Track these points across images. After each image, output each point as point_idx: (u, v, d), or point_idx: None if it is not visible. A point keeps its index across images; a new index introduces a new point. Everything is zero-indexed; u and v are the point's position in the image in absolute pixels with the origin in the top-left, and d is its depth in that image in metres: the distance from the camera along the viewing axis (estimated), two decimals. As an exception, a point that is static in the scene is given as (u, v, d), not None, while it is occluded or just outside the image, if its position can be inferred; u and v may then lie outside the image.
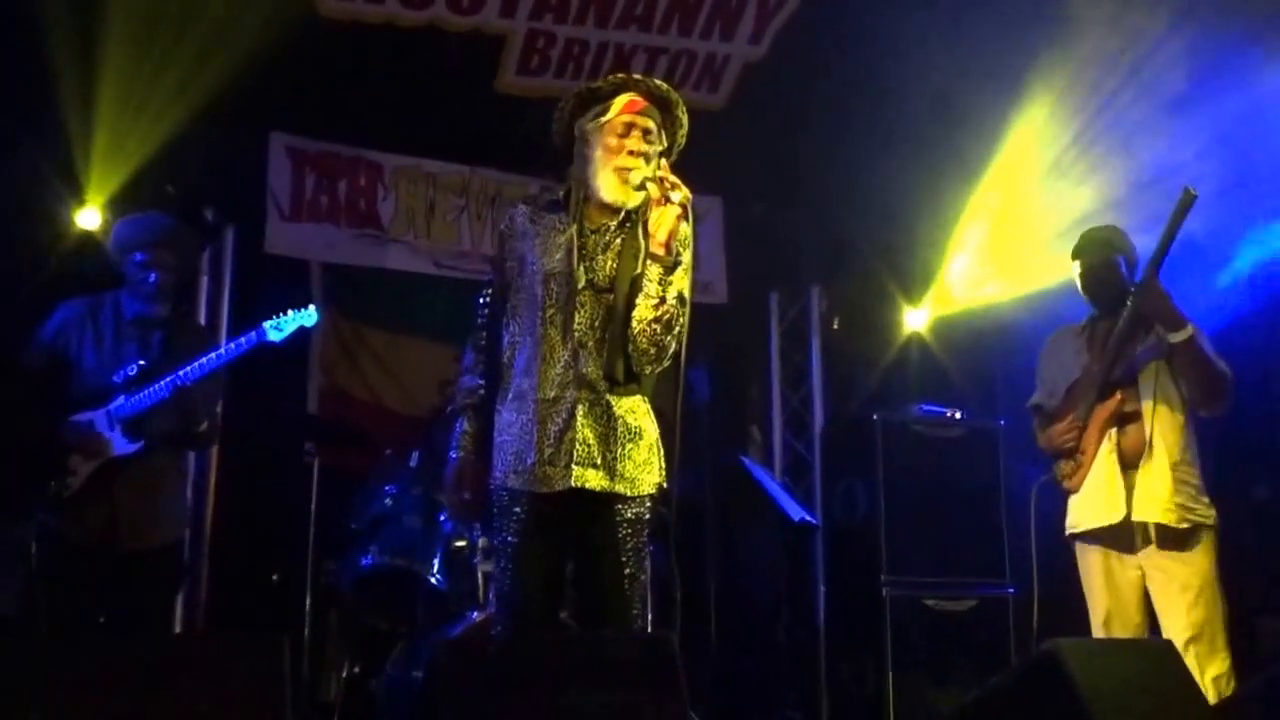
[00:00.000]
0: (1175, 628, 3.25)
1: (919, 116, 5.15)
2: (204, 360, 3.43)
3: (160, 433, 3.47)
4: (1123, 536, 3.37)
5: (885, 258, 5.81)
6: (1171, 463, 3.32)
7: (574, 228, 2.64)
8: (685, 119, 2.73)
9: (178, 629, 4.33)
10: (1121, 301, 3.43)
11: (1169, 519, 3.29)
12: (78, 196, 4.42)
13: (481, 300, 2.77)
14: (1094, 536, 3.44)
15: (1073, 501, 3.51)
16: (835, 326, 5.79)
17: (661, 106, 2.68)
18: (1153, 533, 3.32)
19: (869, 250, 5.80)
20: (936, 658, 4.63)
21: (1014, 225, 5.41)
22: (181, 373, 3.40)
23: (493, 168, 5.32)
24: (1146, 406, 3.36)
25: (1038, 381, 3.72)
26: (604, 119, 2.64)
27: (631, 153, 2.60)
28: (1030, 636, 4.66)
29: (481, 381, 2.73)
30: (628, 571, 2.60)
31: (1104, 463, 3.39)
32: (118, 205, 4.41)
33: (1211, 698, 3.05)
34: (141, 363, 3.45)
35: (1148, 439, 3.33)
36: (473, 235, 5.30)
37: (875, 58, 5.01)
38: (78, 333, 3.51)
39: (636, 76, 2.69)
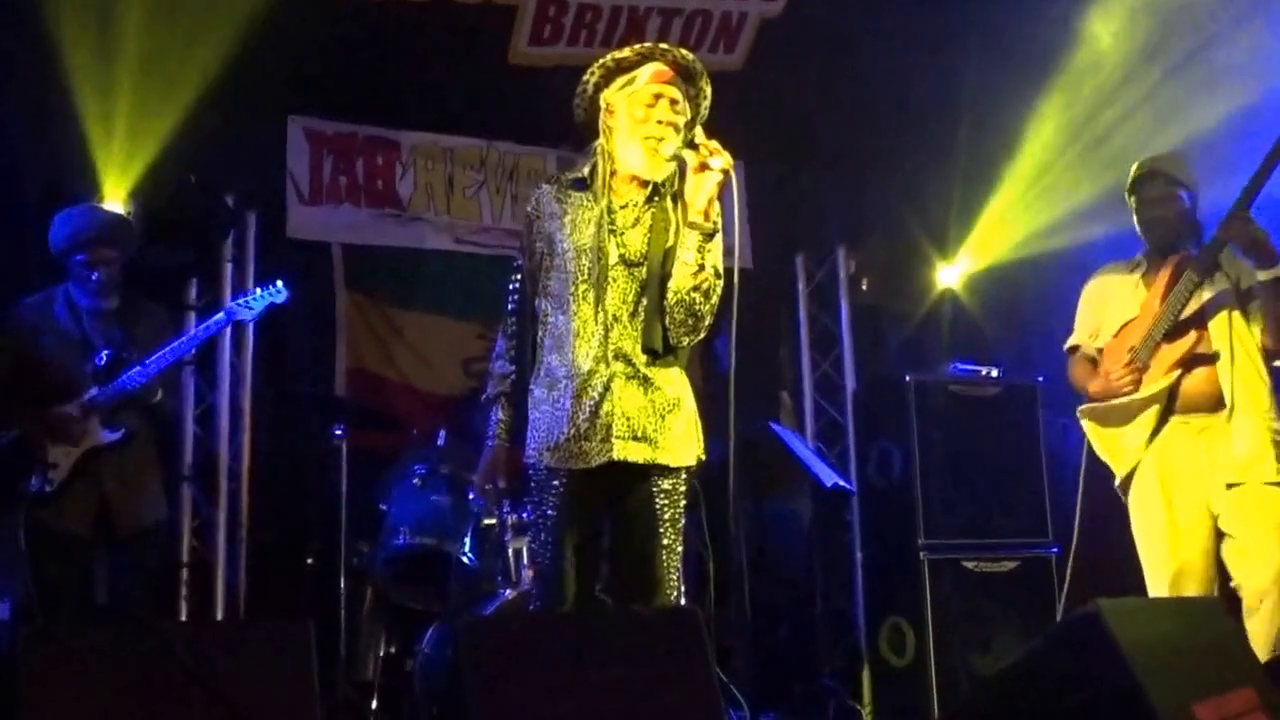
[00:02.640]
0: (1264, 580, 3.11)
1: (946, 66, 5.03)
2: (176, 345, 3.49)
3: (136, 420, 3.51)
4: (1209, 481, 3.21)
5: (916, 213, 5.69)
6: (1262, 412, 3.15)
7: (603, 203, 2.61)
8: (709, 90, 2.68)
9: (219, 615, 4.37)
10: (1182, 238, 3.28)
11: (1263, 475, 3.13)
12: (97, 188, 4.41)
13: (511, 286, 2.75)
14: (1148, 480, 3.27)
15: (1109, 445, 3.36)
16: (864, 288, 5.69)
17: (687, 77, 2.63)
18: (1249, 489, 3.15)
19: (898, 206, 5.68)
20: (978, 621, 4.55)
21: (1053, 173, 5.28)
22: (154, 358, 3.45)
23: (510, 140, 5.27)
24: (1224, 351, 3.17)
25: (1078, 321, 3.54)
26: (631, 89, 2.60)
27: (660, 122, 2.56)
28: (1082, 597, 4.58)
29: (513, 368, 2.72)
30: (664, 543, 2.59)
31: (1146, 408, 3.21)
32: (138, 195, 4.41)
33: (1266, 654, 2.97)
34: (109, 352, 3.48)
35: (1228, 389, 3.15)
36: (493, 209, 5.26)
37: (898, 4, 4.89)
38: (35, 329, 3.52)
39: (663, 46, 2.64)
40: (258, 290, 3.67)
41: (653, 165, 2.57)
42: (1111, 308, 3.42)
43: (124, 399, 3.45)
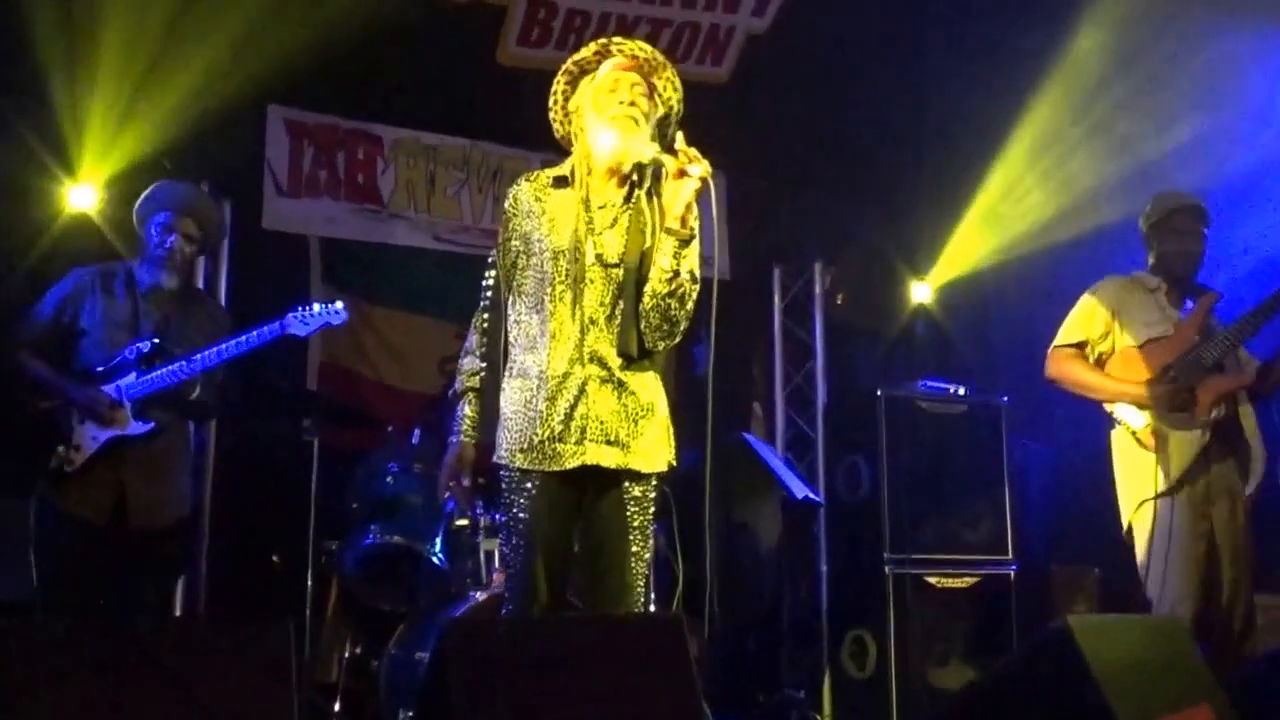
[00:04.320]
0: (1243, 602, 3.37)
1: (924, 87, 5.12)
2: (222, 348, 3.39)
3: (168, 414, 3.42)
4: (1215, 498, 3.42)
5: (891, 230, 5.77)
6: (1258, 448, 3.44)
7: (581, 203, 2.59)
8: (677, 80, 2.66)
9: (178, 610, 4.30)
10: (1197, 274, 3.52)
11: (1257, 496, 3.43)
12: (71, 174, 4.35)
13: (485, 282, 2.73)
14: (1187, 494, 3.42)
15: (1162, 459, 3.47)
16: (839, 302, 5.75)
17: (649, 70, 2.62)
18: (1241, 507, 3.42)
19: (875, 223, 5.76)
20: (939, 635, 4.62)
21: (1022, 193, 5.38)
22: (199, 357, 3.35)
23: (494, 141, 5.27)
24: (1245, 390, 3.47)
25: (1080, 320, 3.64)
26: (593, 83, 2.61)
27: (622, 102, 2.56)
28: (1034, 612, 4.67)
29: (483, 364, 2.69)
30: (633, 550, 2.59)
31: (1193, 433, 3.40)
32: (113, 182, 4.35)
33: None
34: (157, 340, 3.38)
35: (1252, 424, 3.44)
36: (474, 209, 5.25)
37: (879, 28, 4.98)
38: (89, 300, 3.42)
39: (618, 39, 2.63)
40: (316, 306, 3.53)
41: (622, 148, 2.55)
42: (1134, 316, 3.57)
43: (160, 393, 3.35)
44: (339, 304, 3.56)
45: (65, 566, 3.25)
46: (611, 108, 2.55)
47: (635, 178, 2.63)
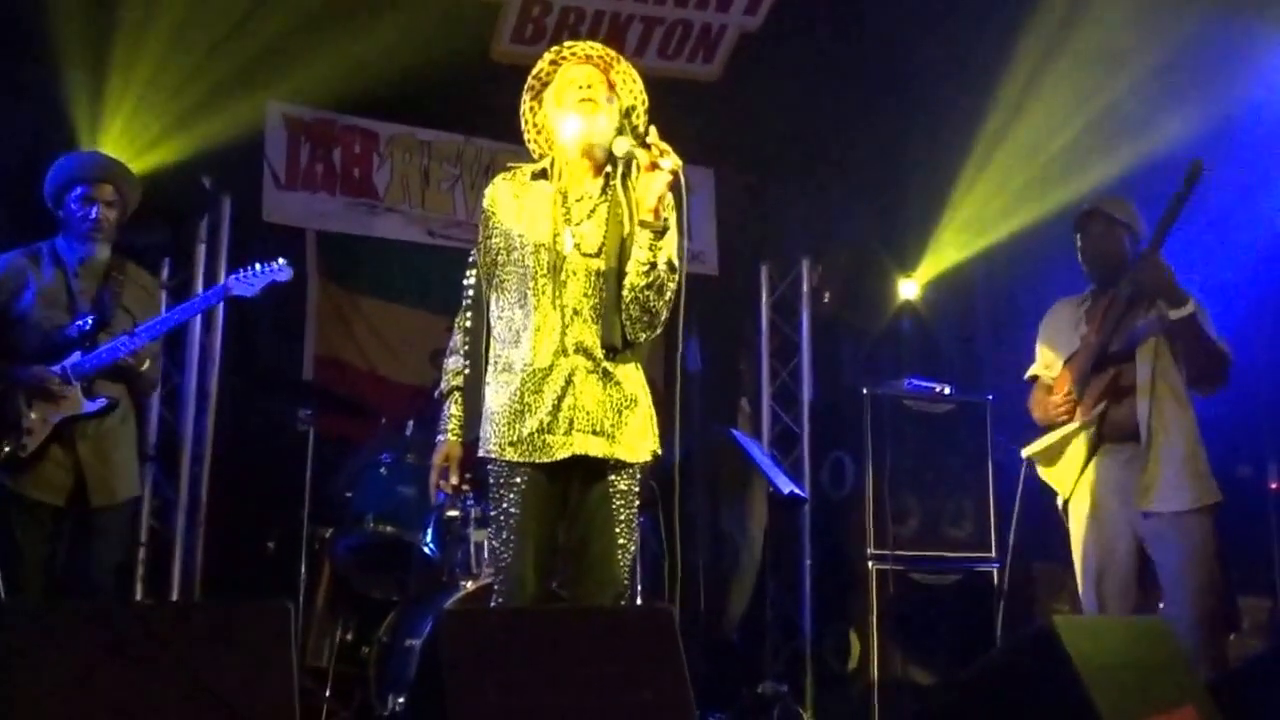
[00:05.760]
0: (1183, 602, 3.28)
1: (914, 86, 5.17)
2: (167, 315, 3.34)
3: (117, 389, 3.38)
4: (1129, 501, 3.36)
5: (878, 228, 5.82)
6: (1169, 443, 3.30)
7: (559, 195, 2.64)
8: (635, 73, 2.72)
9: (174, 595, 4.34)
10: (1122, 276, 3.42)
11: (1175, 505, 3.27)
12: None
13: (466, 280, 2.75)
14: (1088, 503, 3.43)
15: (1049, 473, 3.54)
16: (825, 300, 5.80)
17: (604, 66, 2.68)
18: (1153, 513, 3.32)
19: (863, 221, 5.81)
20: (921, 631, 4.67)
21: (1009, 192, 5.43)
22: (142, 329, 3.31)
23: (487, 137, 5.29)
24: (1143, 383, 3.33)
25: (1036, 353, 3.69)
26: (550, 90, 2.68)
27: (581, 86, 2.62)
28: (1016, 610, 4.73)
29: (466, 362, 2.71)
30: (619, 543, 2.62)
31: (1078, 436, 3.39)
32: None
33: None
34: (95, 317, 3.32)
35: (1144, 420, 3.30)
36: (467, 204, 5.28)
37: (869, 28, 5.02)
38: (21, 284, 3.35)
39: (569, 43, 2.70)
40: (258, 265, 3.46)
41: (587, 130, 2.61)
42: (1060, 340, 3.59)
43: (109, 368, 3.30)
44: (281, 260, 3.50)
45: (27, 551, 3.21)
46: (571, 95, 2.62)
47: (610, 168, 2.67)
